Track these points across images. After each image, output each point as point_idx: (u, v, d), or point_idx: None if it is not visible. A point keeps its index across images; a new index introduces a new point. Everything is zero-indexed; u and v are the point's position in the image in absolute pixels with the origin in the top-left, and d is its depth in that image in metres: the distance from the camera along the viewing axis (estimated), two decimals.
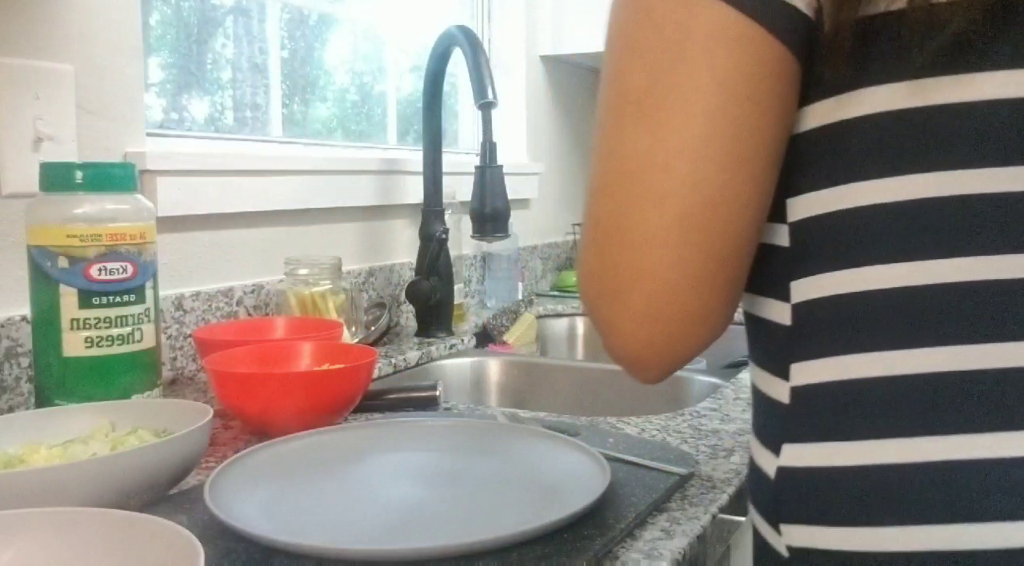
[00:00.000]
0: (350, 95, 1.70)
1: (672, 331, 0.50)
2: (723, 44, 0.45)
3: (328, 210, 1.39)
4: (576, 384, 1.35)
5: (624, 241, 0.48)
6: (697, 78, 0.46)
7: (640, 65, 0.48)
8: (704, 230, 0.47)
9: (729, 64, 0.45)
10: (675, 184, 0.47)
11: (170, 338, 1.11)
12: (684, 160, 0.46)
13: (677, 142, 0.46)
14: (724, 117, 0.46)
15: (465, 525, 0.62)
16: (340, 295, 1.21)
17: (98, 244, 0.83)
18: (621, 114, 0.49)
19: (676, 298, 0.48)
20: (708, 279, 0.48)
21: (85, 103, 1.03)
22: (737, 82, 0.46)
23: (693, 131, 0.46)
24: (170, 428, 0.75)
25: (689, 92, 0.46)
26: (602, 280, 0.50)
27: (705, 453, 0.81)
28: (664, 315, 0.49)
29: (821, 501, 0.49)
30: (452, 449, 0.77)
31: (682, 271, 0.48)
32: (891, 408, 0.47)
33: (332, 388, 0.86)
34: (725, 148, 0.46)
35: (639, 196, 0.48)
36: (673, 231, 0.47)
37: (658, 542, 0.62)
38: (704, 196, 0.47)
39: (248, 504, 0.64)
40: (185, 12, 1.31)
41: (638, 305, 0.49)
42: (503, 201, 1.23)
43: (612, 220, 0.49)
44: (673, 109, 0.46)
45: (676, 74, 0.46)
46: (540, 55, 2.01)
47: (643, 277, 0.48)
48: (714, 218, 0.47)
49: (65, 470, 0.61)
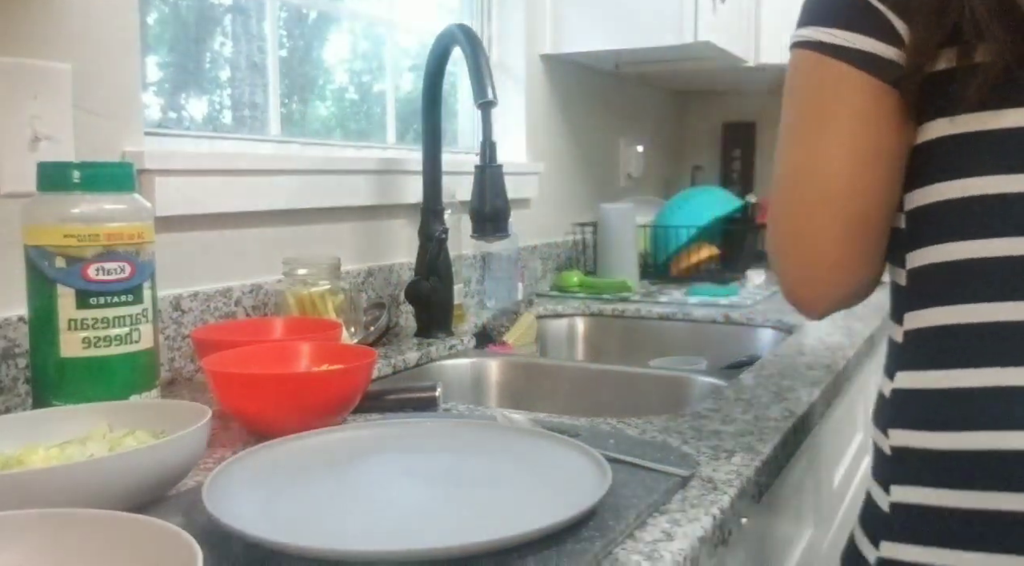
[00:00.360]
0: (349, 94, 1.69)
1: (819, 276, 0.75)
2: (846, 88, 0.71)
3: (327, 210, 1.38)
4: (576, 384, 1.35)
5: (787, 217, 0.75)
6: (832, 110, 0.72)
7: (795, 105, 0.74)
8: (835, 210, 0.72)
9: (852, 99, 0.71)
10: (819, 181, 0.72)
11: (168, 338, 1.10)
12: (824, 166, 0.72)
13: (821, 155, 0.72)
14: (851, 135, 0.71)
15: (464, 527, 0.61)
16: (339, 295, 1.21)
17: (96, 244, 0.83)
18: (783, 139, 0.75)
19: (820, 253, 0.73)
20: (845, 242, 0.73)
21: (83, 102, 1.02)
22: (856, 110, 0.71)
23: (830, 147, 0.72)
24: (168, 429, 0.75)
25: (828, 120, 0.72)
26: (775, 243, 0.77)
27: (706, 454, 0.81)
28: (812, 263, 0.74)
29: (917, 412, 0.70)
30: (452, 450, 0.77)
31: (824, 236, 0.73)
32: (975, 347, 0.68)
33: (331, 389, 0.85)
34: (852, 157, 0.71)
35: (795, 189, 0.74)
36: (816, 209, 0.72)
37: (659, 544, 0.61)
38: (837, 188, 0.72)
39: (246, 505, 0.64)
40: (183, 11, 1.30)
41: (795, 258, 0.75)
42: (503, 201, 1.23)
43: (778, 206, 0.76)
44: (816, 133, 0.72)
45: (817, 109, 0.72)
46: (540, 55, 2.01)
47: (799, 239, 0.74)
48: (840, 202, 0.72)
49: (62, 471, 0.60)
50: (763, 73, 2.31)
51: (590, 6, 1.95)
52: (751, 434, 0.87)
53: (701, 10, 1.84)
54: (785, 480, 1.00)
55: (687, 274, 2.07)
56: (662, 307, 1.73)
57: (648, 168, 2.64)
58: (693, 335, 1.68)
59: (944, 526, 0.67)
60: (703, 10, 1.85)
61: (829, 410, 1.16)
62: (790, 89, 0.75)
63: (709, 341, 1.66)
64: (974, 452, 0.66)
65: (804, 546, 1.10)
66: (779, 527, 0.99)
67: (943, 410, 0.68)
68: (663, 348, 1.68)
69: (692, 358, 1.53)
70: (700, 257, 2.08)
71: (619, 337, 1.75)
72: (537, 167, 1.97)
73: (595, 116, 2.31)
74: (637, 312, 1.73)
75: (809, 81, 0.73)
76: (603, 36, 1.96)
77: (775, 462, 0.84)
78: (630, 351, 1.72)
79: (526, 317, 1.59)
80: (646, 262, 2.13)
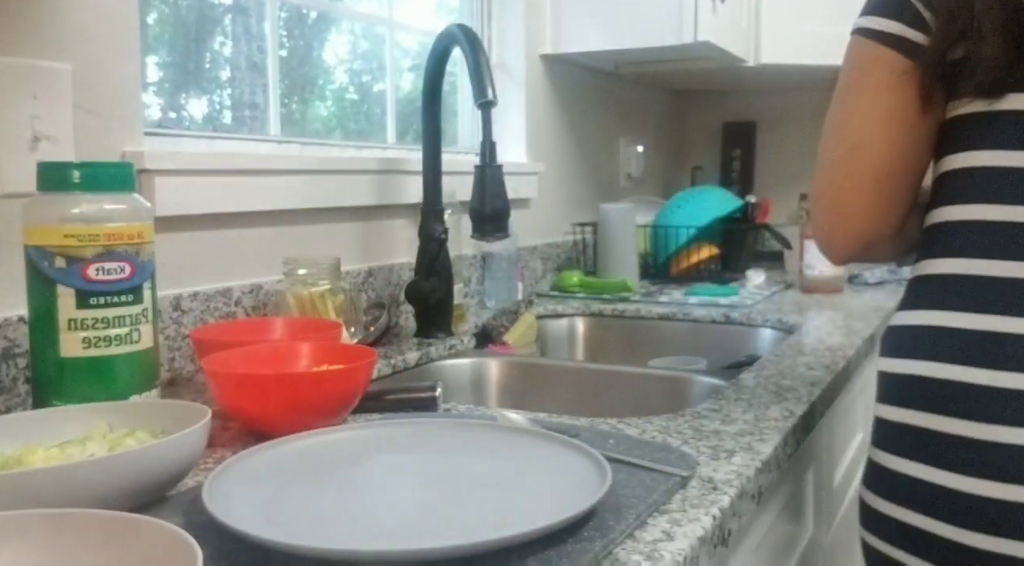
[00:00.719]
0: (349, 94, 1.69)
1: (845, 222, 0.89)
2: (877, 62, 0.86)
3: (327, 210, 1.38)
4: (576, 385, 1.35)
5: (822, 169, 0.91)
6: (863, 81, 0.87)
7: (841, 78, 0.90)
8: (860, 163, 0.87)
9: (880, 72, 0.85)
10: (848, 138, 0.88)
11: (168, 338, 1.10)
12: (853, 125, 0.88)
13: (851, 116, 0.88)
14: (876, 101, 0.86)
15: (464, 527, 0.61)
16: (339, 295, 1.21)
17: (95, 244, 0.83)
18: (832, 107, 0.90)
19: (847, 201, 0.89)
20: (867, 192, 0.87)
21: (83, 102, 1.02)
22: (882, 81, 0.85)
23: (859, 109, 0.87)
24: (168, 429, 0.75)
25: (860, 88, 0.87)
26: (814, 193, 0.92)
27: (706, 454, 0.81)
28: (840, 210, 0.89)
29: (890, 343, 0.88)
30: (451, 450, 0.77)
31: (850, 185, 0.88)
32: (935, 293, 0.84)
33: (331, 389, 0.85)
34: (875, 119, 0.86)
35: (832, 150, 0.89)
36: (846, 162, 0.88)
37: (659, 544, 0.61)
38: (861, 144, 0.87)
39: (246, 505, 0.64)
40: (183, 11, 1.30)
41: (828, 205, 0.90)
42: (503, 201, 1.23)
43: (820, 160, 0.91)
44: (850, 99, 0.88)
45: (854, 80, 0.88)
46: (540, 55, 2.01)
47: (831, 188, 0.90)
48: (863, 156, 0.87)
49: (62, 471, 0.60)
50: (763, 73, 2.31)
51: (590, 6, 1.95)
52: (751, 434, 0.87)
53: (701, 10, 1.84)
54: (785, 480, 1.00)
55: (687, 274, 2.07)
56: (662, 307, 1.73)
57: (648, 168, 2.64)
58: (693, 335, 1.68)
59: (895, 433, 0.85)
60: (703, 10, 1.85)
61: (829, 410, 1.16)
62: (842, 67, 0.91)
63: (709, 341, 1.66)
64: (910, 376, 0.84)
65: (804, 546, 1.10)
66: (779, 527, 0.99)
67: (900, 341, 0.86)
68: (663, 348, 1.68)
69: (692, 358, 1.53)
70: (700, 257, 2.08)
71: (619, 337, 1.75)
72: (537, 167, 1.97)
73: (595, 116, 2.31)
74: (637, 312, 1.73)
75: (851, 58, 0.90)
76: (603, 36, 1.95)
77: (775, 462, 0.84)
78: (630, 351, 1.72)
79: (526, 317, 1.59)
80: (646, 262, 2.13)
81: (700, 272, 2.08)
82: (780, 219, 2.62)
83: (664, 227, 2.08)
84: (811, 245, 1.92)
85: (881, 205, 0.88)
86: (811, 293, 1.91)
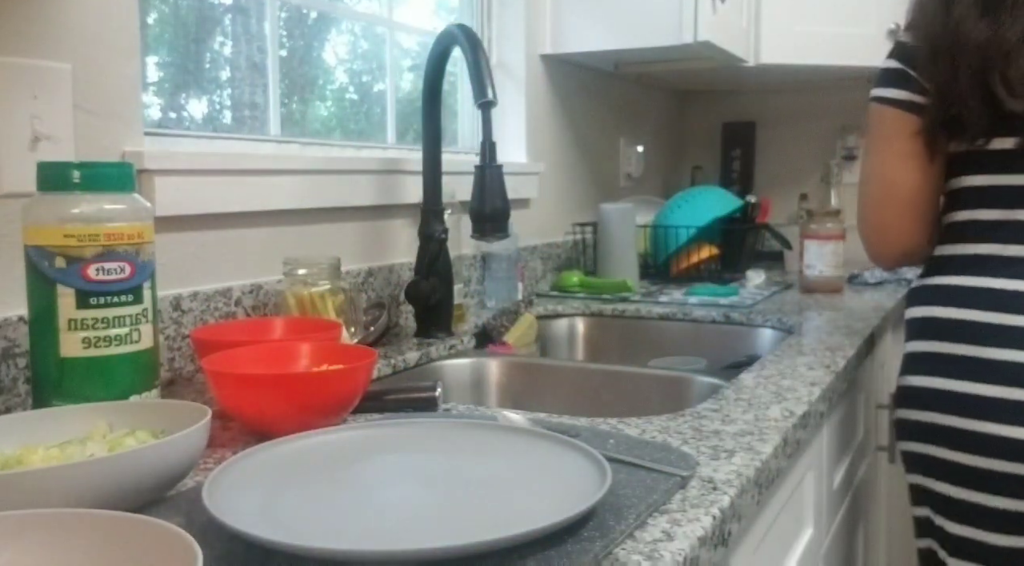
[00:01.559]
0: (349, 94, 1.69)
1: (887, 238, 1.25)
2: (897, 122, 1.19)
3: (327, 210, 1.38)
4: (576, 384, 1.35)
5: (864, 204, 1.26)
6: (889, 136, 1.20)
7: (869, 135, 1.24)
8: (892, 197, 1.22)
9: (900, 129, 1.19)
10: (883, 180, 1.22)
11: (168, 338, 1.10)
12: (884, 171, 1.22)
13: (882, 164, 1.22)
14: (898, 151, 1.20)
15: (464, 527, 0.61)
16: (339, 295, 1.21)
17: (95, 244, 0.83)
18: (864, 158, 1.27)
19: (886, 225, 1.24)
20: (901, 216, 1.22)
21: (83, 102, 1.02)
22: (903, 136, 1.19)
23: (887, 159, 1.21)
24: (168, 429, 0.75)
25: (887, 142, 1.21)
26: (862, 219, 1.28)
27: (706, 454, 0.81)
28: (885, 232, 1.24)
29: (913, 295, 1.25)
30: (451, 450, 0.77)
31: (888, 214, 1.23)
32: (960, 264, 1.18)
33: (331, 389, 0.85)
34: (899, 165, 1.20)
35: (872, 191, 1.24)
36: (882, 197, 1.22)
37: (659, 544, 0.61)
38: (892, 183, 1.21)
39: (247, 505, 0.64)
40: (183, 11, 1.30)
41: (873, 229, 1.26)
42: (503, 201, 1.23)
43: (861, 198, 1.27)
44: (878, 151, 1.22)
45: (882, 136, 1.21)
46: (540, 55, 2.01)
47: (874, 217, 1.25)
48: (895, 192, 1.21)
49: (62, 471, 0.60)
50: (763, 73, 2.31)
51: (590, 6, 1.95)
52: (751, 434, 0.87)
53: (701, 10, 1.84)
54: (785, 480, 1.00)
55: (687, 274, 2.07)
56: (662, 307, 1.73)
57: (648, 168, 2.64)
58: (693, 335, 1.68)
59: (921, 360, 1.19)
60: (703, 10, 1.85)
61: (829, 410, 1.16)
62: (869, 128, 1.24)
63: (709, 341, 1.66)
64: (931, 317, 1.19)
65: (804, 546, 1.10)
66: (779, 527, 0.99)
67: (923, 295, 1.22)
68: (663, 348, 1.68)
69: (692, 358, 1.53)
70: (700, 257, 2.08)
71: (619, 337, 1.75)
72: (537, 167, 1.97)
73: (595, 116, 2.31)
74: (637, 312, 1.73)
75: (875, 120, 1.23)
76: (603, 36, 1.95)
77: (775, 462, 0.84)
78: (630, 351, 1.72)
79: (526, 317, 1.59)
80: (646, 262, 2.13)
81: (700, 272, 2.08)
82: (780, 219, 2.62)
83: (664, 227, 2.08)
84: (811, 245, 1.92)
85: (915, 223, 1.22)
86: (811, 293, 1.91)
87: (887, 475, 2.00)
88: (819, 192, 2.46)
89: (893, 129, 1.19)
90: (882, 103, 1.20)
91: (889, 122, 1.19)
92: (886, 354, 1.76)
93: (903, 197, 1.20)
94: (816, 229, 1.93)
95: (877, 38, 2.19)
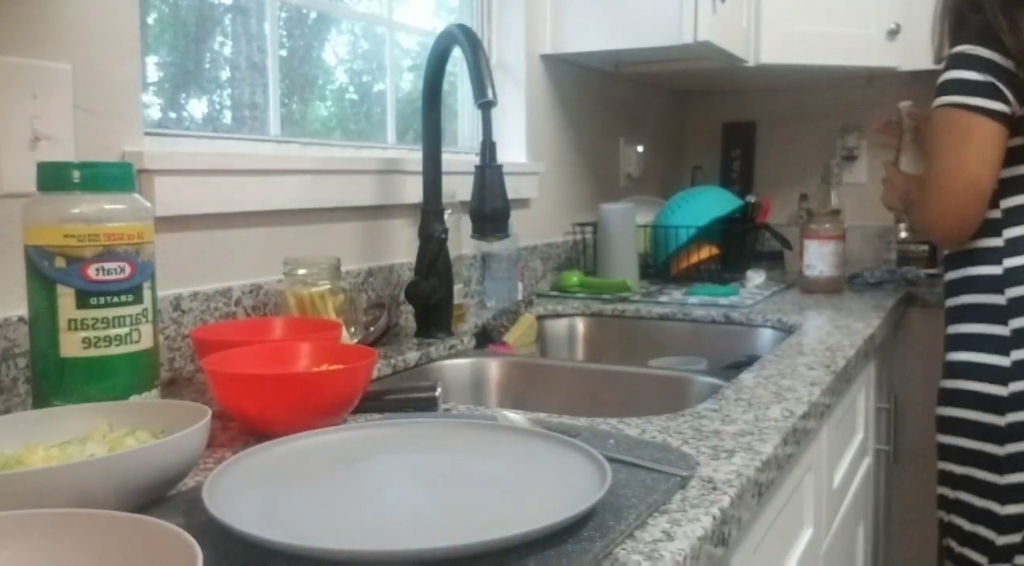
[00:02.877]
0: (349, 94, 1.69)
1: (966, 228, 1.43)
2: (983, 128, 1.38)
3: (327, 210, 1.39)
4: (576, 384, 1.35)
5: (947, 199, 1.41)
6: (971, 138, 1.38)
7: (946, 137, 1.41)
8: (974, 191, 1.39)
9: (986, 135, 1.38)
10: (966, 176, 1.39)
11: (168, 338, 1.10)
12: (970, 172, 1.39)
13: (959, 165, 1.39)
14: (983, 154, 1.38)
15: (464, 527, 0.61)
16: (339, 295, 1.21)
17: (95, 244, 0.83)
18: (938, 155, 1.42)
19: (968, 216, 1.41)
20: (978, 209, 1.41)
21: (83, 102, 1.02)
22: (988, 141, 1.38)
23: (968, 158, 1.38)
24: (168, 429, 0.75)
25: (969, 145, 1.38)
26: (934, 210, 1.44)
27: (706, 454, 0.81)
28: (961, 220, 1.42)
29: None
30: (451, 450, 0.77)
31: (970, 206, 1.41)
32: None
33: (331, 389, 0.85)
34: (981, 163, 1.38)
35: (951, 185, 1.40)
36: (957, 194, 1.40)
37: (659, 544, 0.61)
38: (976, 180, 1.39)
39: (246, 505, 0.64)
40: (183, 11, 1.30)
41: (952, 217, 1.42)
42: (503, 201, 1.23)
43: (941, 195, 1.41)
44: (958, 153, 1.39)
45: (961, 139, 1.39)
46: (540, 55, 2.01)
47: (954, 208, 1.41)
48: (977, 186, 1.39)
49: (62, 471, 0.60)
50: (763, 73, 2.31)
51: (590, 6, 1.95)
52: (751, 434, 0.87)
53: (701, 10, 1.84)
54: (785, 480, 1.00)
55: (687, 274, 2.07)
56: (662, 307, 1.73)
57: (648, 168, 2.64)
58: (693, 335, 1.68)
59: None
60: (703, 10, 1.85)
61: (829, 410, 1.16)
62: (944, 129, 1.41)
63: (709, 341, 1.66)
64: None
65: (804, 546, 1.10)
66: (779, 527, 0.99)
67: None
68: (663, 348, 1.68)
69: (692, 358, 1.53)
70: (700, 257, 2.08)
71: (619, 337, 1.75)
72: (537, 167, 1.97)
73: (595, 116, 2.31)
74: (637, 312, 1.73)
75: (959, 125, 1.39)
76: (603, 36, 1.95)
77: (775, 462, 0.84)
78: (630, 351, 1.72)
79: (526, 317, 1.59)
80: (646, 262, 2.13)
81: (700, 272, 2.08)
82: (780, 219, 2.62)
83: (664, 227, 2.08)
84: (811, 245, 1.92)
85: (982, 211, 1.42)
86: (811, 293, 1.91)
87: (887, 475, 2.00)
88: (819, 192, 2.46)
89: (979, 135, 1.37)
90: (971, 111, 1.38)
91: (977, 128, 1.38)
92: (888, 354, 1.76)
93: (985, 192, 1.39)
94: (816, 229, 1.93)
95: (877, 38, 2.19)
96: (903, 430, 1.98)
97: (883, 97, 2.52)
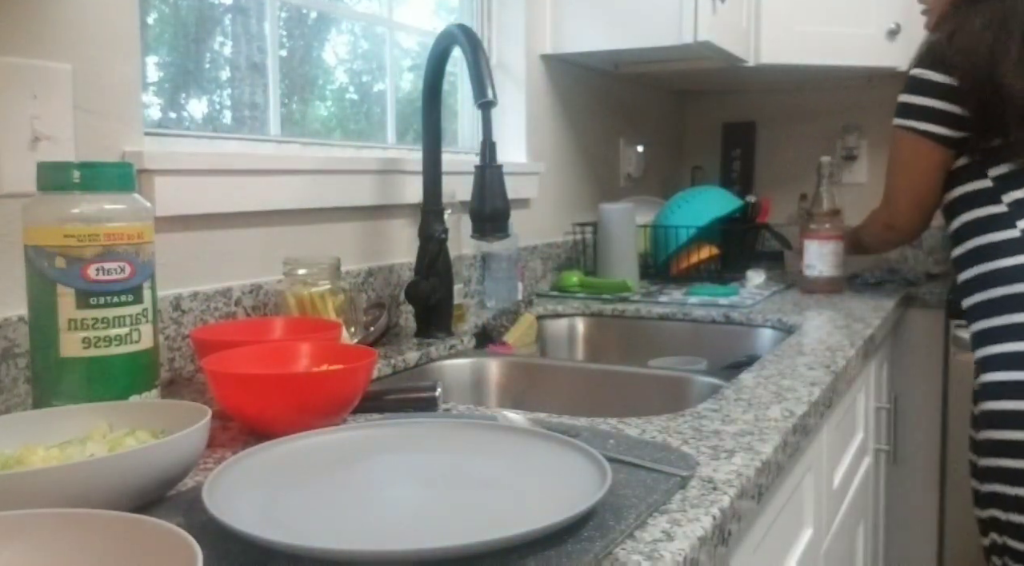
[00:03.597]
0: (349, 94, 1.69)
1: (915, 231, 1.71)
2: (931, 153, 1.58)
3: (327, 210, 1.39)
4: (576, 384, 1.35)
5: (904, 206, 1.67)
6: (917, 162, 1.60)
7: (898, 157, 1.65)
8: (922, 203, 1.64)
9: (933, 159, 1.58)
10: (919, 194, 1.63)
11: (168, 339, 1.10)
12: (922, 187, 1.62)
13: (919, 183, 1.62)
14: (930, 175, 1.60)
15: (464, 527, 0.61)
16: (339, 295, 1.21)
17: (95, 244, 0.83)
18: (894, 173, 1.68)
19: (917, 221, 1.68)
20: (928, 214, 1.66)
21: (83, 102, 1.02)
22: (921, 157, 1.58)
23: (915, 178, 1.62)
24: (168, 429, 0.75)
25: (916, 168, 1.61)
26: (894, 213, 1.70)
27: (706, 454, 0.81)
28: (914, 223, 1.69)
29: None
30: (451, 450, 0.77)
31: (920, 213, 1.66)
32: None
33: (331, 389, 0.85)
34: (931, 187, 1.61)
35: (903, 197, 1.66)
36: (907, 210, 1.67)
37: (659, 544, 0.61)
38: (923, 201, 1.64)
39: (246, 505, 0.64)
40: (183, 11, 1.30)
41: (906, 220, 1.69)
42: (503, 201, 1.23)
43: (895, 202, 1.68)
44: (908, 175, 1.63)
45: (901, 156, 1.63)
46: (540, 55, 2.01)
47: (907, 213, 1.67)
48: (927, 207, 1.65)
49: (62, 471, 0.60)
50: (763, 73, 2.31)
51: (590, 6, 1.95)
52: (751, 434, 0.87)
53: (701, 10, 1.84)
54: (785, 480, 1.00)
55: (687, 274, 2.07)
56: (662, 307, 1.73)
57: (648, 168, 2.64)
58: (693, 335, 1.68)
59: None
60: (703, 10, 1.85)
61: (829, 410, 1.16)
62: (897, 149, 1.62)
63: (709, 341, 1.66)
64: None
65: (804, 546, 1.10)
66: (779, 527, 0.99)
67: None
68: (663, 348, 1.68)
69: (692, 358, 1.53)
70: (700, 257, 2.08)
71: (619, 337, 1.75)
72: (537, 167, 1.97)
73: (595, 116, 2.31)
74: (637, 312, 1.73)
75: (908, 148, 1.59)
76: (603, 36, 1.95)
77: (775, 462, 0.84)
78: (630, 351, 1.72)
79: (526, 317, 1.59)
80: (646, 262, 2.13)
81: (700, 272, 2.08)
82: (780, 219, 2.62)
83: (664, 227, 2.08)
84: (811, 245, 1.92)
85: (926, 222, 1.67)
86: (811, 293, 1.91)
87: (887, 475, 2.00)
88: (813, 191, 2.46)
89: (925, 157, 1.56)
90: (920, 135, 1.55)
91: (924, 153, 1.56)
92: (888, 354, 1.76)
93: (932, 207, 1.63)
94: (816, 229, 1.93)
95: (877, 38, 2.19)
96: (903, 430, 1.98)
97: (883, 97, 2.52)
